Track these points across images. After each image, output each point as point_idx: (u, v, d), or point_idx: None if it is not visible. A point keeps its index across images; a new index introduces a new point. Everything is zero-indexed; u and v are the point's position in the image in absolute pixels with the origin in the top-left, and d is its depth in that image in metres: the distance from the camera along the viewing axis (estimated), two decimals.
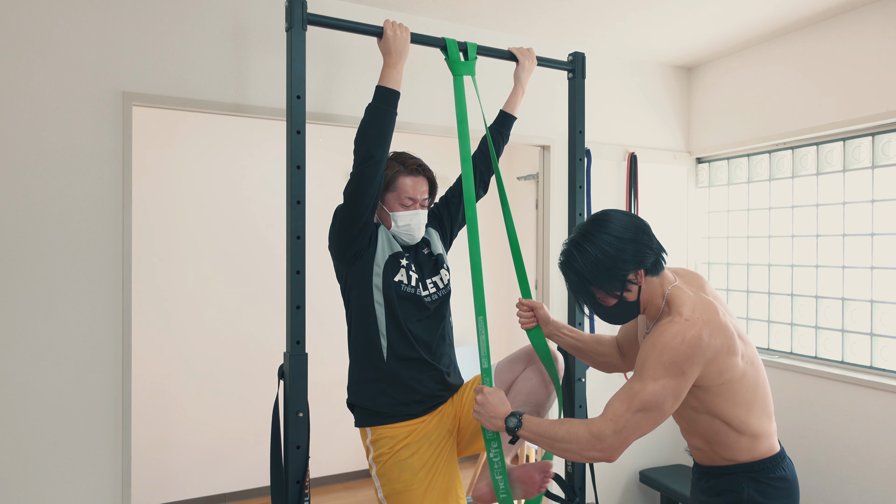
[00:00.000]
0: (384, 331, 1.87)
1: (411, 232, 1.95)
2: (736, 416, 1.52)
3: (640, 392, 1.44)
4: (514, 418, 1.60)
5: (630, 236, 1.52)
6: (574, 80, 2.35)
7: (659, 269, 1.56)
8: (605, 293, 1.55)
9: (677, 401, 1.45)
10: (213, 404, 3.74)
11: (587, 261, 1.52)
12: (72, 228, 2.09)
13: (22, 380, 2.03)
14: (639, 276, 1.53)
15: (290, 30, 1.83)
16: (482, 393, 1.69)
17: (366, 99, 2.56)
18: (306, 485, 1.88)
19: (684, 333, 1.43)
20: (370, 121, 1.87)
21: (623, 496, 3.26)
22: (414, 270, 1.94)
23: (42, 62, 2.06)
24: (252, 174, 3.84)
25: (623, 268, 1.51)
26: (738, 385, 1.51)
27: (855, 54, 2.63)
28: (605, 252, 1.51)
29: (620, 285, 1.53)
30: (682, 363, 1.42)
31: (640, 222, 1.57)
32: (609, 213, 1.57)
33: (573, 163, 2.35)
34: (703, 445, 1.61)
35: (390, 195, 1.94)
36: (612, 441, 1.45)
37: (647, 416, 1.44)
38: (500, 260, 4.65)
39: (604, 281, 1.52)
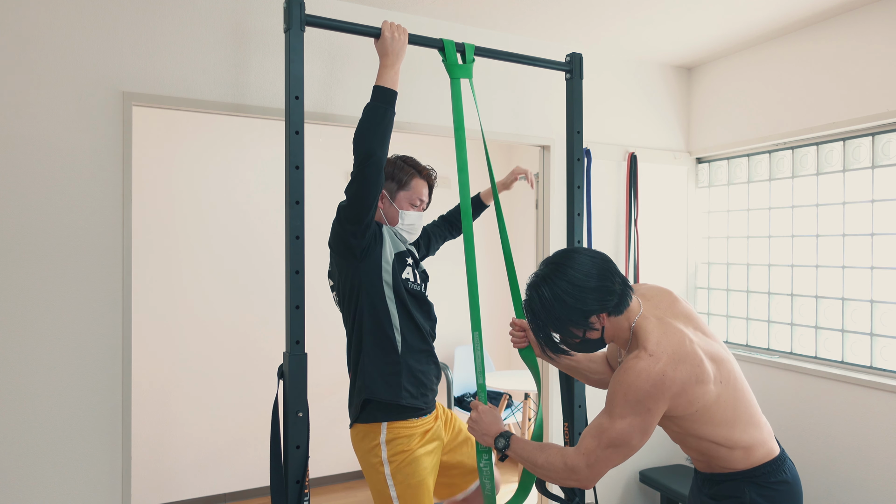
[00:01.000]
0: (397, 325, 1.93)
1: (414, 231, 2.07)
2: (720, 435, 1.53)
3: (609, 429, 1.47)
4: (503, 439, 1.67)
5: (592, 285, 1.50)
6: (572, 81, 2.35)
7: (623, 308, 1.53)
8: (565, 335, 1.57)
9: (645, 435, 1.48)
10: (213, 404, 3.74)
11: (545, 306, 1.52)
12: (72, 228, 2.10)
13: (22, 380, 2.03)
14: (601, 318, 1.52)
15: (289, 30, 1.83)
16: (477, 410, 1.76)
17: (364, 99, 2.56)
18: (306, 485, 1.88)
19: (649, 371, 1.43)
20: (369, 120, 1.87)
21: (623, 496, 3.26)
22: (417, 270, 2.04)
23: (42, 62, 2.07)
24: (251, 174, 3.85)
25: (584, 313, 1.50)
26: (714, 408, 1.50)
27: (855, 54, 2.63)
28: (564, 301, 1.50)
29: (582, 327, 1.53)
30: (646, 401, 1.44)
31: (603, 265, 1.54)
32: (572, 258, 1.54)
33: (572, 163, 2.35)
34: (700, 458, 1.62)
35: (403, 194, 2.02)
36: (585, 474, 1.51)
37: (617, 451, 1.48)
38: (498, 270, 4.65)
39: (563, 325, 1.53)
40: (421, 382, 1.96)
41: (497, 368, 4.62)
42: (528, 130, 2.95)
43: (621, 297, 1.53)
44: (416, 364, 1.95)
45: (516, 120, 2.93)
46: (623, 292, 1.53)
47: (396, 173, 2.04)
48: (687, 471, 3.26)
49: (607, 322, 1.53)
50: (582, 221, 2.37)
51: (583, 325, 1.52)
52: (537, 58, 2.31)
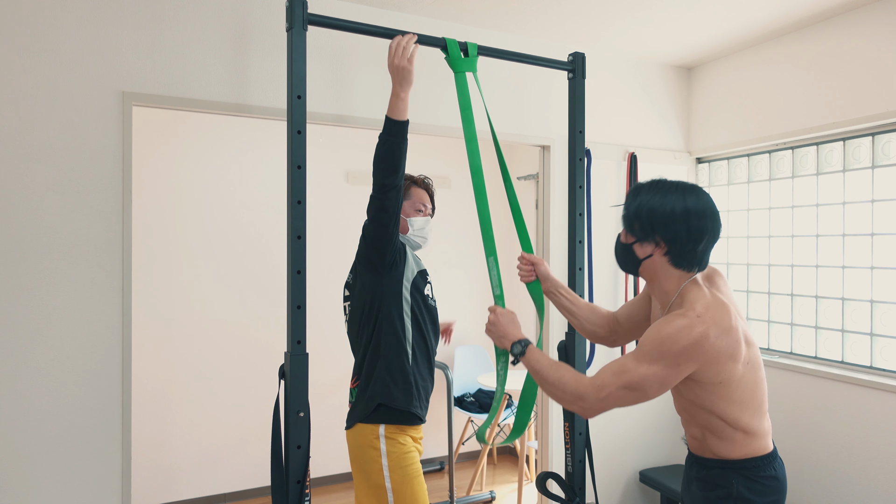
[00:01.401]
0: (410, 339, 2.04)
1: (425, 235, 2.17)
2: (731, 414, 1.53)
3: (631, 371, 1.47)
4: (520, 346, 1.68)
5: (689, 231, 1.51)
6: (574, 81, 2.35)
7: (682, 268, 1.55)
8: (628, 226, 1.61)
9: (663, 388, 1.48)
10: (214, 404, 3.74)
11: (652, 186, 1.58)
12: (72, 228, 2.09)
13: (22, 380, 2.03)
14: (658, 248, 1.55)
15: (291, 30, 1.83)
16: (495, 312, 1.77)
17: (365, 99, 2.57)
18: (307, 485, 1.88)
19: (692, 328, 1.43)
20: (382, 153, 1.93)
21: (623, 496, 3.26)
22: (427, 279, 2.14)
23: (42, 62, 2.06)
24: (253, 174, 3.84)
25: (656, 226, 1.54)
26: (735, 386, 1.51)
27: (855, 54, 2.64)
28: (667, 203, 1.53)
29: (642, 234, 1.57)
30: (679, 355, 1.44)
31: (709, 229, 1.55)
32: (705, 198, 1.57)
33: (573, 163, 2.35)
34: (699, 435, 1.62)
35: (406, 203, 2.16)
36: (592, 404, 1.51)
37: (631, 394, 1.48)
38: (499, 260, 4.64)
39: (636, 209, 1.57)
40: (423, 396, 2.07)
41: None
42: (528, 130, 2.96)
43: (691, 263, 1.55)
44: (420, 379, 2.06)
45: (516, 120, 2.93)
46: (697, 262, 1.55)
47: None
48: None
49: (658, 260, 1.56)
50: (583, 221, 2.37)
51: (647, 233, 1.55)
52: (540, 57, 2.31)
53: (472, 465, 4.43)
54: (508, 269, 4.70)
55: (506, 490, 4.01)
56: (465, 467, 4.40)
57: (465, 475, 4.25)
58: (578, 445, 2.30)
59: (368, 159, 4.42)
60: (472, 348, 4.47)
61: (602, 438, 3.17)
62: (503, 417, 3.87)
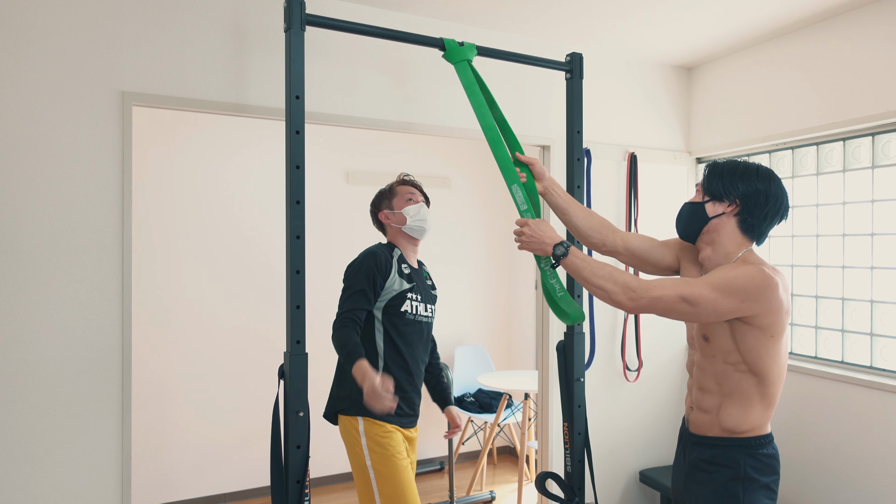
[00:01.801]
0: (381, 352, 2.18)
1: (424, 223, 2.26)
2: (772, 374, 1.57)
3: (694, 288, 1.49)
4: (562, 247, 1.69)
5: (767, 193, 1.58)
6: (572, 81, 2.35)
7: (748, 233, 1.61)
8: (708, 186, 1.63)
9: (716, 317, 1.50)
10: (213, 404, 3.75)
11: (734, 162, 1.63)
12: (72, 228, 2.10)
13: (22, 380, 2.03)
14: (733, 207, 1.59)
15: (289, 30, 1.83)
16: (529, 225, 1.77)
17: (365, 99, 2.58)
18: (306, 484, 1.88)
19: (762, 273, 1.50)
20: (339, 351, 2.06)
21: (623, 496, 3.26)
22: (419, 300, 2.23)
23: (42, 62, 2.07)
24: (252, 174, 3.85)
25: (738, 185, 1.58)
26: (783, 347, 1.57)
27: (855, 54, 2.63)
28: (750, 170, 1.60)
29: (720, 191, 1.60)
30: (747, 293, 1.48)
31: (783, 210, 1.62)
32: (781, 183, 1.63)
33: (571, 163, 2.36)
34: (714, 406, 1.63)
35: (395, 200, 2.28)
36: (641, 295, 1.52)
37: (683, 306, 1.49)
38: (499, 272, 4.65)
39: (720, 175, 1.61)
40: (399, 405, 2.14)
41: (497, 368, 4.62)
42: (529, 130, 2.96)
43: (760, 230, 1.61)
44: (397, 390, 2.11)
45: (516, 120, 2.93)
46: (763, 233, 1.62)
47: (381, 198, 2.33)
48: None
49: (728, 220, 1.60)
50: None
51: (725, 191, 1.59)
52: (537, 57, 2.31)
53: (472, 465, 4.43)
54: (508, 262, 4.70)
55: (506, 490, 4.01)
56: (465, 467, 4.40)
57: (465, 475, 4.25)
58: (578, 445, 2.30)
59: (368, 159, 4.43)
60: (473, 348, 4.47)
61: (602, 438, 3.17)
62: (503, 417, 3.87)
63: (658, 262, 1.82)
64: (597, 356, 3.17)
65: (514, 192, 1.93)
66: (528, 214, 1.90)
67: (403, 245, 2.29)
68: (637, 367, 3.27)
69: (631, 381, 3.27)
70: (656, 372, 3.34)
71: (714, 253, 1.63)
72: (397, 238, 2.29)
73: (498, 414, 3.79)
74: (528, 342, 4.50)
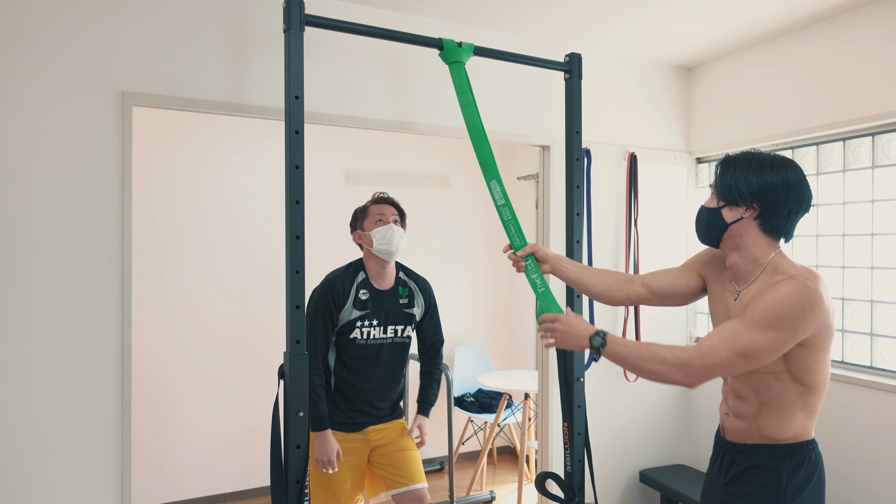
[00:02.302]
0: (332, 372, 2.33)
1: (390, 246, 2.29)
2: (817, 387, 1.50)
3: (745, 338, 1.40)
4: (599, 337, 1.57)
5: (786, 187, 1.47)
6: (571, 81, 2.35)
7: (773, 235, 1.52)
8: (722, 189, 1.54)
9: (777, 354, 1.42)
10: (213, 404, 3.75)
11: (746, 157, 1.53)
12: (72, 228, 2.10)
13: (22, 380, 2.04)
14: (750, 211, 1.50)
15: (288, 30, 1.83)
16: (559, 321, 1.65)
17: (365, 99, 2.58)
18: (306, 484, 1.88)
19: (806, 290, 1.39)
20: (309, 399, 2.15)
21: (623, 496, 3.26)
22: (373, 325, 2.33)
23: (42, 62, 2.07)
24: (252, 174, 3.85)
25: (751, 188, 1.48)
26: (829, 358, 1.51)
27: (855, 54, 2.63)
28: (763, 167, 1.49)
29: (732, 195, 1.51)
30: (798, 319, 1.39)
31: (805, 201, 1.52)
32: (800, 170, 1.53)
33: (570, 163, 2.36)
34: (750, 414, 1.54)
35: (366, 221, 2.35)
36: (697, 370, 1.43)
37: (742, 360, 1.42)
38: (498, 272, 4.65)
39: (732, 176, 1.51)
40: (344, 414, 2.32)
41: (497, 368, 4.62)
42: (529, 130, 2.96)
43: (781, 228, 1.51)
44: (341, 403, 2.31)
45: (517, 120, 2.93)
46: (786, 229, 1.52)
47: (356, 218, 2.42)
48: (687, 471, 3.26)
49: (747, 224, 1.51)
50: (581, 221, 2.37)
51: (738, 194, 1.50)
52: (536, 58, 2.31)
53: (472, 465, 4.43)
54: (508, 262, 4.70)
55: (506, 490, 4.01)
56: (465, 467, 4.40)
57: (465, 475, 4.25)
58: (577, 445, 2.30)
59: (368, 159, 4.43)
60: (472, 348, 4.47)
61: (602, 438, 3.17)
62: (503, 417, 3.87)
63: (685, 291, 1.74)
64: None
65: (493, 187, 1.97)
66: (507, 209, 1.95)
67: (372, 266, 2.35)
68: None
69: (631, 381, 3.27)
70: None
71: (741, 259, 1.55)
72: (368, 259, 2.37)
73: (498, 414, 3.79)
74: (528, 342, 4.50)
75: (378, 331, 2.33)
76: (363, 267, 2.37)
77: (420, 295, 2.47)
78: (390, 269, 2.38)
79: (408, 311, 2.41)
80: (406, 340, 2.42)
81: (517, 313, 4.64)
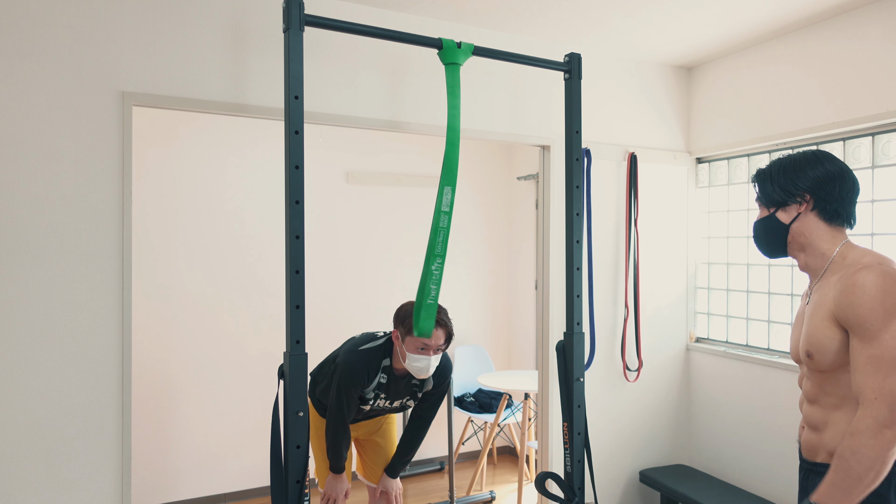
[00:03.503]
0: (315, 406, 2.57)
1: (420, 373, 2.27)
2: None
3: (883, 353, 1.30)
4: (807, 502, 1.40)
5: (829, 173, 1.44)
6: (570, 81, 2.35)
7: (835, 222, 1.46)
8: (768, 198, 1.51)
9: None
10: (213, 404, 3.75)
11: (778, 161, 1.51)
12: (72, 228, 2.10)
13: (22, 380, 2.04)
14: (805, 205, 1.46)
15: (288, 31, 1.83)
16: None
17: (365, 99, 2.58)
18: (306, 484, 1.88)
19: (885, 274, 1.33)
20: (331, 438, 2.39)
21: (623, 496, 3.26)
22: (382, 398, 2.41)
23: (42, 62, 2.07)
24: (251, 174, 3.85)
25: (797, 183, 1.45)
26: None
27: (855, 54, 2.63)
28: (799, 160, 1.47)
29: (781, 196, 1.48)
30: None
31: (851, 179, 1.47)
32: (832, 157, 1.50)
33: (570, 163, 2.36)
34: (820, 423, 1.45)
35: (409, 339, 2.23)
36: (890, 417, 1.28)
37: None
38: (498, 273, 4.65)
39: (772, 181, 1.49)
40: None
41: (497, 368, 4.62)
42: (529, 130, 2.96)
43: (840, 213, 1.46)
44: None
45: (516, 120, 2.93)
46: (845, 215, 1.47)
47: (407, 319, 2.24)
48: (687, 471, 3.26)
49: (805, 217, 1.47)
50: (581, 221, 2.37)
51: (788, 192, 1.47)
52: (535, 58, 2.31)
53: (472, 465, 4.43)
54: (508, 262, 4.70)
55: (506, 490, 4.01)
56: (465, 467, 4.40)
57: (465, 475, 4.25)
58: (577, 445, 2.30)
59: (368, 159, 4.43)
60: (472, 348, 4.47)
61: (602, 438, 3.17)
62: (503, 417, 3.87)
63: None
64: (597, 356, 3.17)
65: (446, 193, 2.01)
66: (447, 217, 2.02)
67: (398, 366, 2.36)
68: (637, 367, 3.27)
69: (631, 381, 3.27)
70: (656, 372, 3.35)
71: (810, 256, 1.50)
72: (397, 357, 2.35)
73: (498, 414, 3.79)
74: (528, 342, 4.50)
75: (384, 402, 2.42)
76: (391, 354, 2.36)
77: (432, 380, 2.47)
78: None
79: (416, 388, 2.47)
80: (407, 405, 2.52)
81: (517, 313, 4.64)
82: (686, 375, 3.44)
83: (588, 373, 3.12)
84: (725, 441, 3.22)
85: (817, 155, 1.49)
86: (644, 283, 3.30)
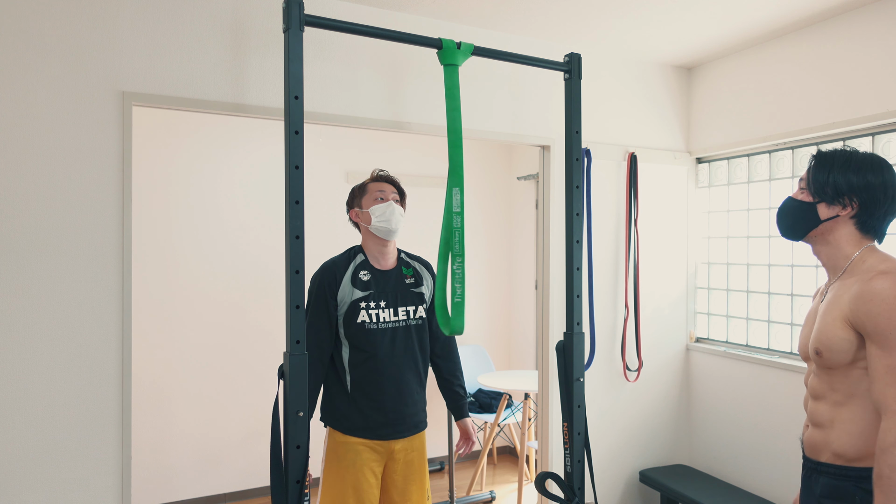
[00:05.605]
0: (347, 371, 2.19)
1: (389, 224, 2.21)
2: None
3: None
4: None
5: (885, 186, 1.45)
6: (570, 81, 2.35)
7: (868, 234, 1.49)
8: (818, 186, 1.51)
9: None
10: (213, 404, 3.75)
11: (845, 154, 1.51)
12: (72, 228, 2.10)
13: (22, 380, 2.04)
14: (847, 210, 1.47)
15: (288, 31, 1.83)
16: None
17: (365, 99, 2.58)
18: (306, 484, 1.88)
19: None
20: None
21: (623, 496, 3.26)
22: (381, 307, 2.20)
23: (42, 62, 2.07)
24: (251, 174, 3.85)
25: (850, 187, 1.46)
26: None
27: (855, 54, 2.63)
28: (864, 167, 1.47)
29: (832, 193, 1.48)
30: None
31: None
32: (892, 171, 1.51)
33: (570, 163, 2.35)
34: (825, 420, 1.45)
35: (364, 198, 2.25)
36: None
37: None
38: (498, 271, 4.65)
39: (831, 173, 1.49)
40: (369, 423, 2.18)
41: (497, 368, 4.62)
42: (529, 130, 2.96)
43: (876, 226, 1.48)
44: (364, 406, 2.17)
45: (517, 120, 2.93)
46: (880, 228, 1.50)
47: (353, 196, 2.31)
48: (687, 471, 3.26)
49: (843, 223, 1.48)
50: (581, 221, 2.37)
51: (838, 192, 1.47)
52: (535, 58, 2.31)
53: (472, 465, 4.43)
54: (508, 262, 4.69)
55: (506, 490, 4.01)
56: (465, 467, 4.40)
57: (465, 475, 4.25)
58: (577, 445, 2.29)
59: (368, 159, 4.42)
60: (472, 348, 4.47)
61: (602, 438, 3.17)
62: (503, 417, 3.87)
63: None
64: (597, 356, 3.17)
65: (454, 194, 2.00)
66: (459, 217, 1.99)
67: (371, 247, 2.25)
68: (637, 367, 3.27)
69: (631, 381, 3.27)
70: (656, 372, 3.34)
71: (831, 254, 1.52)
72: (367, 239, 2.26)
73: (498, 414, 3.79)
74: (528, 342, 4.50)
75: (388, 313, 2.19)
76: (361, 249, 2.27)
77: (426, 273, 2.36)
78: (391, 248, 2.28)
79: (416, 290, 2.28)
80: (420, 322, 2.26)
81: (517, 313, 4.64)
82: (686, 375, 3.44)
83: (588, 373, 3.12)
84: (725, 441, 3.22)
85: (882, 163, 1.49)
86: (644, 283, 3.30)
